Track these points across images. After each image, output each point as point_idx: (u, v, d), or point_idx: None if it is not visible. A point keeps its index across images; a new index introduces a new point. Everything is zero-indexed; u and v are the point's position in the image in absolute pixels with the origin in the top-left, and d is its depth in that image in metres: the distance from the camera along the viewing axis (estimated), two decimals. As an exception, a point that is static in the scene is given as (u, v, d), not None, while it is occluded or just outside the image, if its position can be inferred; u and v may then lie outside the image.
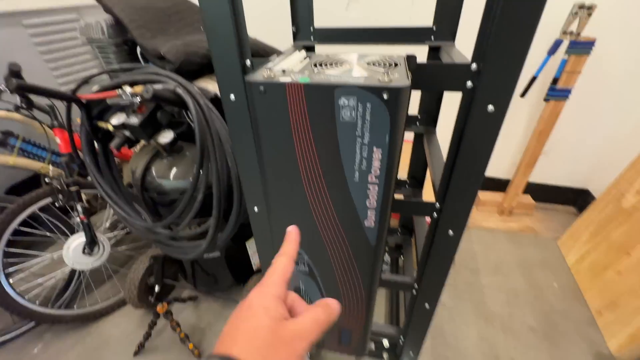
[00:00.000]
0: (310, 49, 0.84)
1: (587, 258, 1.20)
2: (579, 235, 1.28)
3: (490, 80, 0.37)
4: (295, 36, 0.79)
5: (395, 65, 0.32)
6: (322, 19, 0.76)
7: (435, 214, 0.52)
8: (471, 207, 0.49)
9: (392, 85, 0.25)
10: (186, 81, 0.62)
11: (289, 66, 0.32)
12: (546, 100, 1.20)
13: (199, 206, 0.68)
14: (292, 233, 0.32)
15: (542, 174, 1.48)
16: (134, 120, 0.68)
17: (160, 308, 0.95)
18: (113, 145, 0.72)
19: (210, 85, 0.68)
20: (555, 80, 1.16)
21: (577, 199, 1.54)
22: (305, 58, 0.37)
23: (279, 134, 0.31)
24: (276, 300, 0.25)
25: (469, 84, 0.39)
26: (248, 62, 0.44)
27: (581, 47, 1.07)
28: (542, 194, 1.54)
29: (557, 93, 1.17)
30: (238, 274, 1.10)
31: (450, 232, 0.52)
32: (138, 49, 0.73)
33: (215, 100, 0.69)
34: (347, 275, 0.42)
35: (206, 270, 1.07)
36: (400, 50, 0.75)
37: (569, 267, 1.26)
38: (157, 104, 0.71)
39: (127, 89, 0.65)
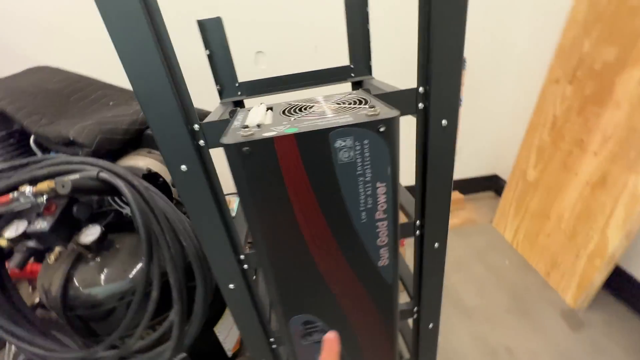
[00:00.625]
0: (239, 104, 0.82)
1: (520, 231, 1.37)
2: (506, 214, 1.47)
3: (438, 99, 0.41)
4: (221, 94, 0.77)
5: (365, 100, 0.32)
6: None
7: (418, 232, 0.53)
8: (448, 215, 0.51)
9: (385, 117, 0.25)
10: (109, 163, 0.52)
11: (260, 120, 0.29)
12: (446, 110, 1.42)
13: (155, 305, 0.55)
14: (332, 341, 0.33)
15: (461, 170, 1.69)
16: (42, 224, 0.54)
17: None
18: (14, 264, 0.55)
19: (140, 161, 0.59)
20: (447, 93, 1.38)
21: (491, 184, 1.80)
22: (267, 110, 0.34)
23: (272, 193, 0.27)
24: None
25: (420, 105, 0.42)
26: (196, 126, 0.39)
27: (457, 65, 1.32)
28: (466, 187, 1.76)
29: (452, 103, 1.40)
30: (210, 370, 0.91)
31: (436, 244, 0.53)
32: (31, 140, 0.60)
33: (149, 177, 0.60)
34: (368, 326, 0.38)
35: (169, 380, 0.86)
36: (327, 90, 0.79)
37: (509, 243, 1.42)
38: (70, 199, 0.59)
39: (27, 189, 0.52)
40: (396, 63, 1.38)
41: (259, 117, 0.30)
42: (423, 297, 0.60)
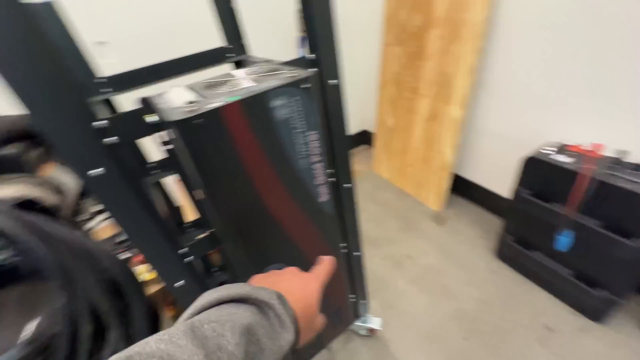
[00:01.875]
0: (107, 102, 0.72)
1: (392, 169, 1.72)
2: (380, 160, 1.80)
3: (327, 63, 0.49)
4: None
5: (277, 69, 0.37)
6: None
7: (333, 178, 0.63)
8: (351, 160, 0.63)
9: (306, 75, 0.31)
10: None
11: (190, 98, 0.31)
12: (315, 80, 1.57)
13: (89, 342, 0.48)
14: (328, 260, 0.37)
15: (339, 132, 1.94)
16: None
17: None
18: None
19: (2, 191, 0.47)
20: (313, 65, 1.53)
21: (363, 139, 2.14)
22: (187, 90, 0.35)
23: (225, 156, 0.30)
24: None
25: (314, 69, 0.50)
26: (105, 122, 0.36)
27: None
28: (346, 145, 2.03)
29: (318, 73, 1.56)
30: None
31: (346, 185, 0.65)
32: None
33: (23, 206, 0.49)
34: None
35: None
36: (211, 73, 0.79)
37: (388, 180, 1.77)
38: None
39: None
40: (270, 39, 1.42)
41: (186, 96, 0.31)
42: (347, 232, 0.72)
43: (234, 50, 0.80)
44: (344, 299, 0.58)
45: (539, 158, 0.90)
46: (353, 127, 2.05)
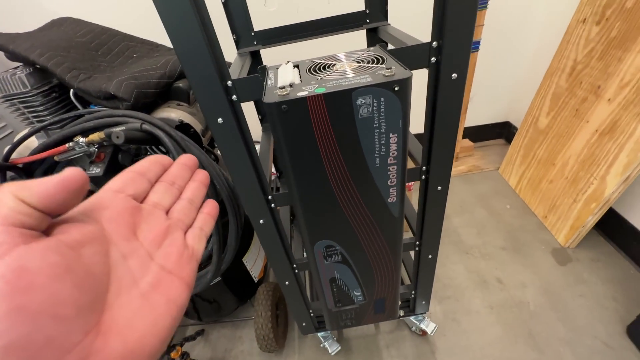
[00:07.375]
0: (255, 54, 0.84)
1: (524, 177, 1.43)
2: (513, 161, 1.51)
3: (450, 54, 0.44)
4: (237, 44, 0.79)
5: (382, 58, 0.36)
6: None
7: (424, 176, 0.59)
8: (452, 162, 0.57)
9: (399, 77, 0.30)
10: (148, 115, 0.58)
11: (292, 80, 0.34)
12: (462, 54, 1.37)
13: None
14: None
15: (472, 118, 1.69)
16: (96, 170, 0.62)
17: (174, 354, 0.90)
18: (77, 203, 0.65)
19: (172, 113, 0.65)
20: (465, 36, 1.32)
21: (502, 132, 1.80)
22: (294, 67, 0.39)
23: (304, 144, 0.33)
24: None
25: (433, 59, 0.45)
26: (229, 83, 0.44)
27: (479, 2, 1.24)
28: (476, 134, 1.77)
29: (469, 46, 1.34)
30: (241, 293, 1.08)
31: (439, 187, 0.60)
32: (71, 94, 0.66)
33: (182, 127, 0.67)
34: (377, 250, 0.47)
35: (207, 299, 1.03)
36: (342, 38, 0.80)
37: (513, 189, 1.49)
38: (115, 148, 0.66)
39: (81, 139, 0.59)
40: (412, 6, 1.30)
41: (289, 76, 0.35)
42: (424, 233, 0.68)
43: (373, 15, 0.78)
44: (392, 292, 0.58)
45: None
46: (495, 115, 1.74)
